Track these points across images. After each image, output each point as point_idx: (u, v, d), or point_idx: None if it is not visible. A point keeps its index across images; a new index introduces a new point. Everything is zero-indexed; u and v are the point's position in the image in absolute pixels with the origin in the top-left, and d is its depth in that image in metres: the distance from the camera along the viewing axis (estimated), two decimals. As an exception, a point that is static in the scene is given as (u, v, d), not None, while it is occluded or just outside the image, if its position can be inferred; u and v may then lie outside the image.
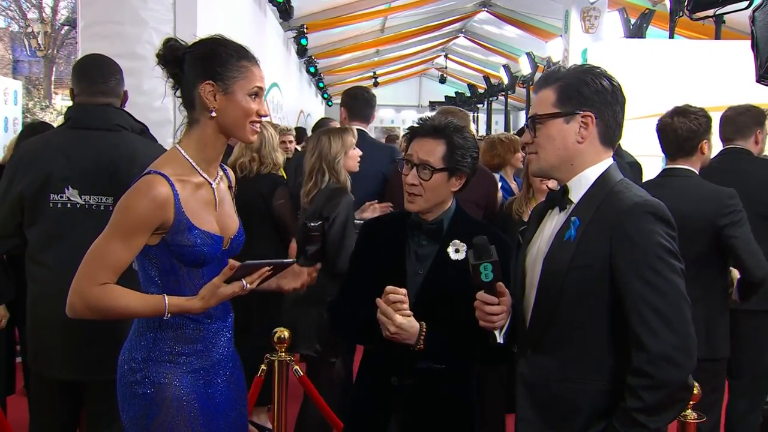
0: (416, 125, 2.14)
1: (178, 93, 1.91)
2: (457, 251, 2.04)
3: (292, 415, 2.94)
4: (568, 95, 1.69)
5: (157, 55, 1.88)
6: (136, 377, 1.88)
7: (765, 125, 3.51)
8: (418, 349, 1.96)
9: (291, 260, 1.94)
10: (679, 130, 2.93)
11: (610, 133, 1.71)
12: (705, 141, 2.96)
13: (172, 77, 1.90)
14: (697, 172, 3.01)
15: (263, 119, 1.91)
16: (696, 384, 2.26)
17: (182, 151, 1.88)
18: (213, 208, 1.92)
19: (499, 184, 4.29)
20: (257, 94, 1.87)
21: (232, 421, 2.01)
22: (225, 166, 2.08)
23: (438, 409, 2.08)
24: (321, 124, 6.19)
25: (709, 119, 2.99)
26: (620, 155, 4.25)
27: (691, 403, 2.29)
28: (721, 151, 3.59)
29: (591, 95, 1.67)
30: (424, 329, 1.96)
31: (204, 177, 1.90)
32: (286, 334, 2.80)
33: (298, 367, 2.79)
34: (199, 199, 1.87)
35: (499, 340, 1.80)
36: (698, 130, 2.93)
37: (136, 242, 1.79)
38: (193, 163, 1.88)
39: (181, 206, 1.81)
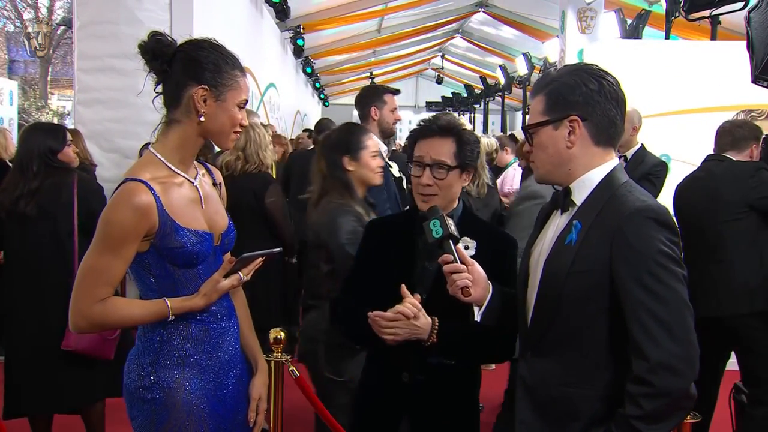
0: (420, 126, 2.14)
1: (159, 89, 1.88)
2: (467, 248, 2.04)
3: (288, 416, 2.93)
4: (555, 101, 1.67)
5: (142, 47, 1.83)
6: (144, 382, 1.86)
7: (760, 140, 3.53)
8: (430, 342, 1.97)
9: (278, 249, 2.04)
10: (736, 132, 3.56)
11: (604, 133, 1.67)
12: (755, 145, 3.54)
13: (157, 73, 1.85)
14: None
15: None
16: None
17: (157, 155, 1.86)
18: (199, 205, 1.90)
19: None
20: (243, 105, 1.90)
21: (240, 423, 2.00)
22: (208, 164, 2.09)
23: (447, 406, 2.09)
24: (322, 124, 6.23)
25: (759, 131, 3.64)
26: (645, 161, 4.24)
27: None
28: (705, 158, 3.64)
29: (576, 98, 1.65)
30: (436, 324, 1.97)
31: (184, 176, 1.89)
32: (281, 334, 2.79)
33: (294, 368, 2.78)
34: (182, 198, 1.86)
35: (477, 317, 1.84)
36: (749, 134, 3.56)
37: (127, 253, 1.77)
38: (170, 165, 1.86)
39: (165, 209, 1.79)
